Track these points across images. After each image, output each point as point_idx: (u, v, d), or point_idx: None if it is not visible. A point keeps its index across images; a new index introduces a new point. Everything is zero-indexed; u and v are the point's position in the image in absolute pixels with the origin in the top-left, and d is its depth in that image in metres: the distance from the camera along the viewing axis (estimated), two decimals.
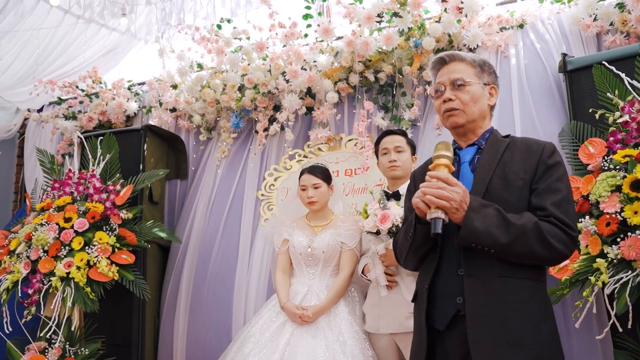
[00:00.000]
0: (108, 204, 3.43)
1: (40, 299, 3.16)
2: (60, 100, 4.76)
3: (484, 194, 1.61)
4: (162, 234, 3.54)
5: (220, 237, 3.76)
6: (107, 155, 3.71)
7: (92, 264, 3.24)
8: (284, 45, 3.81)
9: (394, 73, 3.56)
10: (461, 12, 3.26)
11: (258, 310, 3.13)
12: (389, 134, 2.97)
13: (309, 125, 3.89)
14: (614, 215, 2.23)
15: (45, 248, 3.26)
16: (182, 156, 4.24)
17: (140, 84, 4.65)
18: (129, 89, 4.59)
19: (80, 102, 4.68)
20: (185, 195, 4.18)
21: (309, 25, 3.80)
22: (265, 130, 3.89)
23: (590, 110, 2.60)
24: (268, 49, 3.83)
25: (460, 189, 1.52)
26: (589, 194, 2.38)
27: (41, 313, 3.21)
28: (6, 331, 3.16)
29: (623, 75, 2.53)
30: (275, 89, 3.81)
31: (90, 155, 3.74)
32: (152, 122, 4.24)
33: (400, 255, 1.80)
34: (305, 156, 3.78)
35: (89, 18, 4.18)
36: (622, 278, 2.15)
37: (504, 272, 1.56)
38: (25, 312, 3.17)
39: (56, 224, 3.34)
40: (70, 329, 3.21)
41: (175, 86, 4.26)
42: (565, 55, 2.95)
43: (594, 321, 2.59)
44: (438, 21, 3.32)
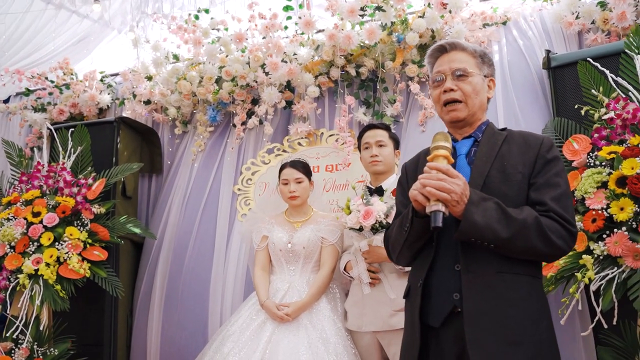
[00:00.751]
0: (79, 198, 3.30)
1: (7, 297, 3.04)
2: (28, 92, 4.57)
3: (482, 188, 1.57)
4: (137, 230, 3.43)
5: (195, 233, 3.66)
6: (79, 147, 3.57)
7: (63, 260, 3.12)
8: (263, 37, 3.72)
9: (376, 68, 3.52)
10: (445, 8, 3.24)
11: (235, 308, 3.05)
12: (371, 128, 2.92)
13: (288, 119, 3.82)
14: (600, 212, 2.22)
15: (12, 244, 3.13)
16: (157, 150, 4.12)
17: (113, 76, 4.50)
18: (101, 80, 4.44)
19: (50, 94, 4.51)
20: (159, 190, 4.06)
21: (289, 17, 3.73)
22: (243, 124, 3.80)
23: (576, 107, 2.60)
24: (247, 41, 3.74)
25: (461, 181, 1.47)
26: (575, 190, 2.37)
27: (7, 312, 3.08)
28: None
29: (607, 73, 2.54)
30: (254, 81, 3.72)
31: (60, 148, 3.59)
32: (126, 115, 4.10)
33: (393, 250, 1.74)
34: (285, 150, 3.70)
35: (59, 4, 4.01)
36: (608, 274, 2.15)
37: (502, 268, 1.51)
38: None
39: (24, 218, 3.21)
40: (39, 329, 3.07)
41: (150, 78, 4.13)
42: (549, 51, 2.95)
43: (577, 318, 2.59)
44: (422, 16, 3.29)
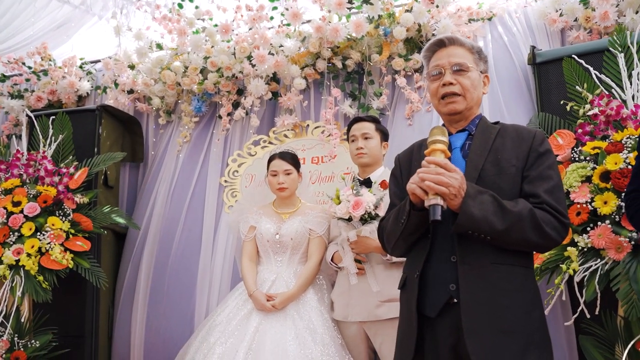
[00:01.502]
0: (61, 188, 3.25)
1: None
2: (4, 77, 4.46)
3: (476, 181, 1.60)
4: (121, 220, 3.39)
5: (182, 225, 3.63)
6: (60, 135, 3.50)
7: (44, 251, 3.06)
8: (250, 29, 3.69)
9: (362, 60, 3.53)
10: (432, 3, 3.26)
11: (222, 299, 3.04)
12: (358, 121, 2.94)
13: (273, 110, 3.81)
14: (584, 205, 2.29)
15: None
16: (139, 139, 4.07)
17: (93, 62, 4.41)
18: (80, 67, 4.35)
19: (27, 80, 4.40)
20: (142, 180, 4.01)
21: (275, 8, 3.71)
22: (229, 115, 3.78)
23: (562, 102, 2.66)
24: (233, 32, 3.70)
25: (459, 175, 1.50)
26: None
27: None
28: None
29: (592, 69, 2.60)
30: (240, 72, 3.69)
31: (40, 136, 3.51)
32: (108, 103, 4.03)
33: (388, 241, 1.76)
34: (271, 142, 3.69)
35: None
36: (592, 266, 2.22)
37: (497, 259, 1.55)
38: None
39: (4, 208, 3.14)
40: (20, 320, 3.02)
41: (132, 66, 4.06)
42: (534, 47, 3.00)
43: (559, 308, 2.66)
44: (409, 10, 3.31)
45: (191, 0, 3.91)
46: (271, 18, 3.73)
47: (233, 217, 3.12)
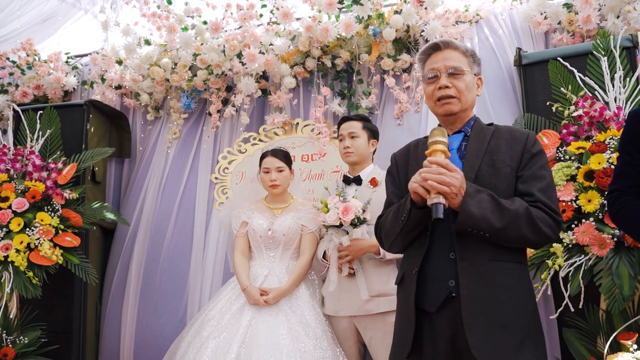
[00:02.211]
0: (49, 183, 3.23)
1: None
2: None
3: (473, 181, 1.66)
4: (111, 216, 3.38)
5: (173, 221, 3.64)
6: (48, 130, 3.47)
7: (33, 246, 3.04)
8: (240, 27, 3.70)
9: (351, 60, 3.57)
10: (422, 5, 3.32)
11: (214, 294, 3.06)
12: (346, 120, 2.99)
13: (262, 107, 3.83)
14: (569, 203, 2.37)
15: None
16: (126, 134, 4.05)
17: (78, 57, 4.37)
18: (66, 62, 4.31)
19: (11, 74, 4.34)
20: (129, 176, 4.00)
21: (264, 5, 3.73)
22: (218, 112, 3.79)
23: (547, 104, 2.75)
24: (222, 29, 3.71)
25: (460, 174, 1.56)
26: None
27: None
28: None
29: (576, 72, 2.69)
30: (229, 70, 3.71)
31: (28, 131, 3.48)
32: (95, 98, 4.00)
33: (386, 239, 1.82)
34: (261, 139, 3.72)
35: None
36: (576, 262, 2.31)
37: (494, 256, 1.62)
38: None
39: None
40: (8, 317, 3.00)
41: (120, 62, 4.04)
42: (519, 49, 3.08)
43: (542, 302, 2.75)
44: (399, 12, 3.36)
45: None
46: (260, 16, 3.74)
47: (224, 213, 3.14)
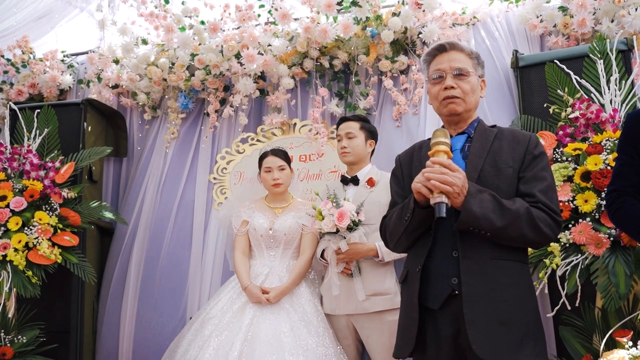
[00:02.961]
0: (47, 182, 3.22)
1: None
2: None
3: (476, 181, 1.70)
4: (109, 215, 3.38)
5: (172, 221, 3.64)
6: (45, 129, 3.47)
7: (32, 245, 3.04)
8: (238, 27, 3.71)
9: (349, 61, 3.60)
10: (419, 7, 3.35)
11: (213, 295, 3.07)
12: (344, 121, 3.01)
13: (260, 108, 3.84)
14: (566, 203, 2.42)
15: None
16: (123, 134, 4.04)
17: (74, 55, 4.36)
18: (62, 60, 4.30)
19: (5, 72, 4.31)
20: (127, 175, 4.00)
21: (262, 6, 3.74)
22: (216, 112, 3.80)
23: (545, 106, 2.79)
24: (221, 29, 3.72)
25: (462, 174, 1.60)
26: None
27: None
28: None
29: (572, 74, 2.74)
30: (227, 70, 3.71)
31: (25, 129, 3.47)
32: (91, 97, 3.99)
33: (391, 238, 1.85)
34: (259, 140, 3.73)
35: None
36: (573, 261, 2.36)
37: (496, 255, 1.66)
38: None
39: None
40: (7, 316, 2.99)
41: (117, 61, 4.03)
42: (516, 52, 3.12)
43: (539, 301, 2.77)
44: (397, 14, 3.39)
45: None
46: (258, 16, 3.76)
47: (224, 213, 3.15)
